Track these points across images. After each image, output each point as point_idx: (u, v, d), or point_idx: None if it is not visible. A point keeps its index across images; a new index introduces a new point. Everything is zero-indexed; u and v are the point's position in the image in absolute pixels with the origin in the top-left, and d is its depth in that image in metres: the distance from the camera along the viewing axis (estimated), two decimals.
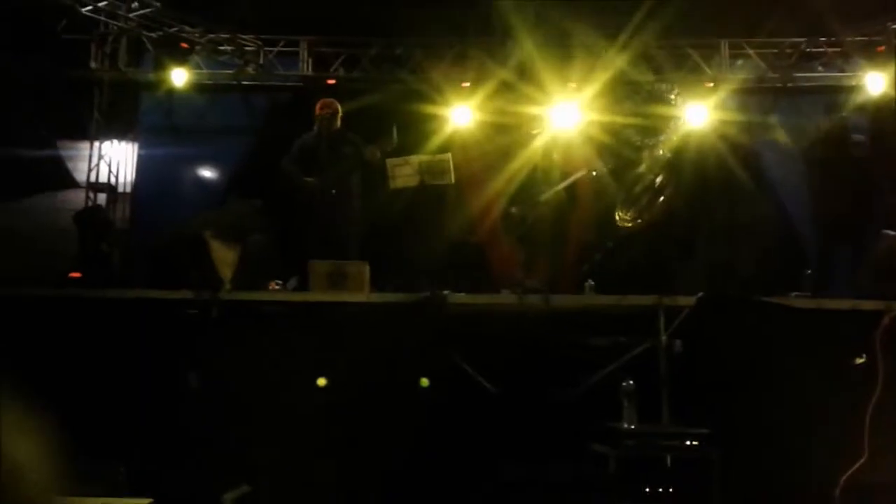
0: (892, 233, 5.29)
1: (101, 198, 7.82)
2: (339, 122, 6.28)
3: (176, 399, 4.36)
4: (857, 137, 6.37)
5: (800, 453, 4.43)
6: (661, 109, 6.01)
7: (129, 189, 8.00)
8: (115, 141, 7.93)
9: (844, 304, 4.84)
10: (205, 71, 7.79)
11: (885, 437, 4.30)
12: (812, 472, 4.37)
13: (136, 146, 8.05)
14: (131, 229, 7.67)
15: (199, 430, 4.31)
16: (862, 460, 4.28)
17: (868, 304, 4.71)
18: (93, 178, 7.81)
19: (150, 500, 3.65)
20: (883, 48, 7.52)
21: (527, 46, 7.56)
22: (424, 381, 4.50)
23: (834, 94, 7.73)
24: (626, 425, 4.18)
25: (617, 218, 6.36)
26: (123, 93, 7.90)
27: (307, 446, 4.42)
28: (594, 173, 6.25)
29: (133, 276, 4.94)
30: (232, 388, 4.44)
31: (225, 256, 4.93)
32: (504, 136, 7.54)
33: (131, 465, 3.70)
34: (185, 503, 4.00)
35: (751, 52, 7.79)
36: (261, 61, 7.89)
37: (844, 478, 4.27)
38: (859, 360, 4.46)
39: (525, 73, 7.75)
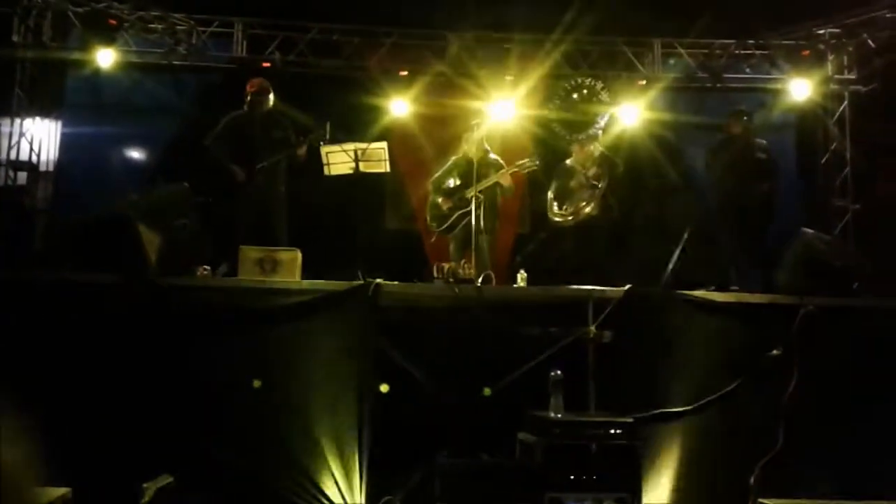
0: (809, 230, 5.50)
1: (22, 176, 7.50)
2: (270, 103, 6.20)
3: (98, 385, 4.23)
4: (761, 142, 6.59)
5: (717, 442, 4.59)
6: (591, 105, 6.11)
7: (51, 168, 7.70)
8: (38, 118, 7.62)
9: (763, 298, 5.02)
10: (134, 49, 7.54)
11: (799, 427, 4.48)
12: (730, 462, 4.52)
13: (59, 124, 7.76)
14: (53, 209, 7.39)
15: (121, 418, 4.19)
16: (776, 449, 4.46)
17: (785, 299, 4.89)
18: (13, 156, 7.48)
19: (67, 489, 3.54)
20: (808, 52, 7.80)
21: (464, 39, 7.59)
22: (384, 387, 4.50)
23: (760, 96, 8.00)
24: (552, 414, 4.25)
25: (550, 213, 6.45)
26: (48, 69, 7.60)
27: (234, 435, 4.36)
28: (527, 165, 6.32)
29: (54, 257, 4.74)
30: (156, 374, 4.34)
31: (151, 240, 4.79)
32: (442, 127, 7.55)
33: (51, 454, 3.56)
34: (105, 492, 3.89)
35: (682, 51, 7.97)
36: (193, 41, 7.67)
37: (760, 465, 4.44)
38: (775, 352, 4.63)
39: (462, 66, 7.78)
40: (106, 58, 7.27)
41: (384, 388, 4.50)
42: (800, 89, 7.70)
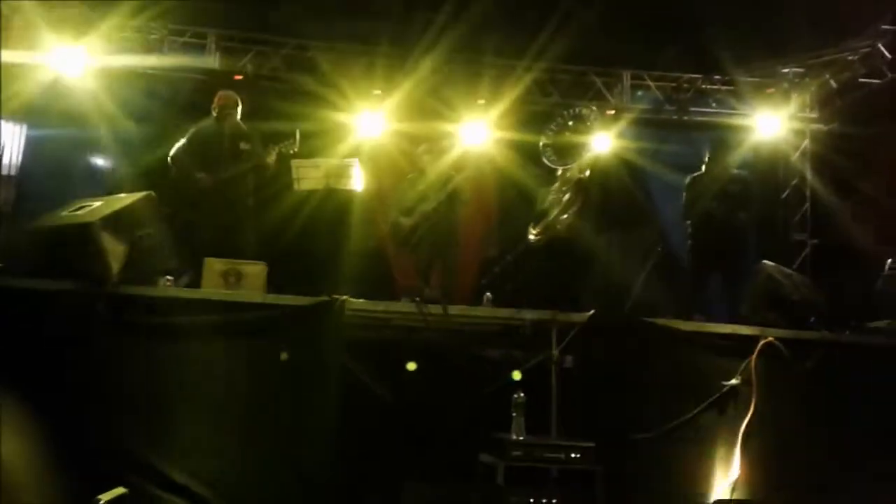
0: (770, 263, 5.62)
1: None
2: (237, 116, 6.18)
3: (54, 395, 4.13)
4: (740, 174, 6.73)
5: (679, 469, 4.63)
6: (580, 134, 6.19)
7: (14, 172, 7.55)
8: (2, 121, 7.48)
9: (725, 328, 5.10)
10: (105, 55, 7.45)
11: (756, 456, 4.55)
12: (690, 488, 4.57)
13: (24, 127, 7.62)
14: (15, 213, 7.24)
15: (77, 428, 4.10)
16: (734, 477, 4.51)
17: (746, 329, 4.98)
18: None
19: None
20: (772, 90, 8.01)
21: (435, 62, 7.64)
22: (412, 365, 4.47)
23: (724, 131, 8.17)
24: (513, 436, 4.26)
25: (528, 232, 6.48)
26: (15, 73, 7.46)
27: (190, 449, 4.29)
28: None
29: (14, 263, 4.63)
30: (115, 385, 4.26)
31: (114, 249, 4.70)
32: (413, 146, 7.57)
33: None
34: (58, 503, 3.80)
35: (651, 83, 8.12)
36: (165, 50, 7.62)
37: (717, 495, 4.49)
38: (734, 381, 4.70)
39: (434, 89, 7.83)
40: (72, 63, 7.18)
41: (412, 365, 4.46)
42: (768, 125, 7.89)
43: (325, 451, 4.34)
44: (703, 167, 6.69)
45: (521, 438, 4.26)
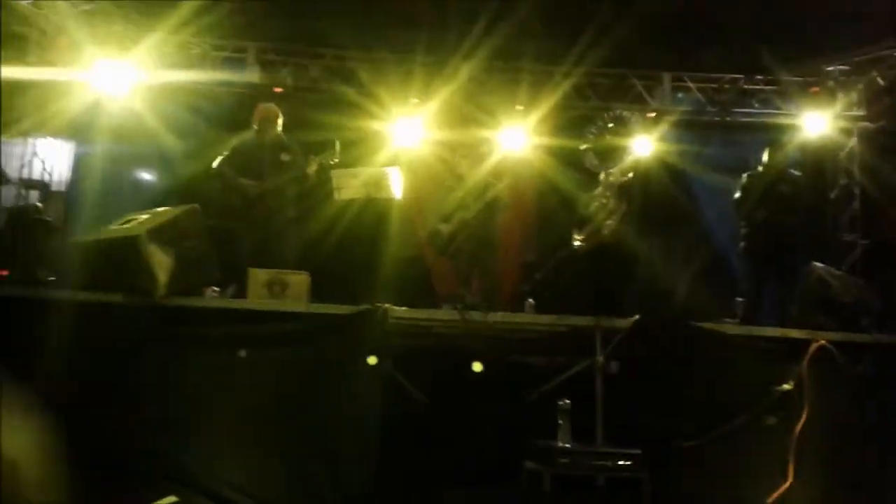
0: (819, 265, 5.49)
1: (34, 195, 7.53)
2: (279, 128, 6.24)
3: (105, 405, 4.20)
4: (792, 174, 6.60)
5: (727, 476, 4.54)
6: (621, 137, 6.14)
7: (63, 188, 7.74)
8: (51, 138, 7.67)
9: (774, 332, 5.00)
10: (148, 71, 7.60)
11: (809, 463, 4.44)
12: (738, 496, 4.47)
13: (72, 144, 7.81)
14: (66, 229, 7.41)
15: (128, 437, 4.16)
16: (787, 485, 4.41)
17: (796, 333, 4.87)
18: (25, 175, 7.52)
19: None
20: (817, 89, 7.85)
21: (473, 69, 7.65)
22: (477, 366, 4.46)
23: (768, 132, 8.03)
24: (559, 444, 4.22)
25: (572, 238, 6.43)
26: (62, 89, 7.65)
27: (240, 459, 4.32)
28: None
29: (67, 276, 4.75)
30: (164, 396, 4.31)
31: (161, 261, 4.78)
32: (450, 154, 7.57)
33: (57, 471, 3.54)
34: None
35: (692, 85, 8.02)
36: (207, 65, 7.75)
37: (770, 501, 4.39)
38: (786, 387, 4.60)
39: (471, 96, 7.84)
40: (117, 78, 7.34)
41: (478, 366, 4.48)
42: (815, 124, 7.74)
43: (367, 460, 4.34)
44: (760, 167, 6.55)
45: (568, 446, 4.21)
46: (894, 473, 4.54)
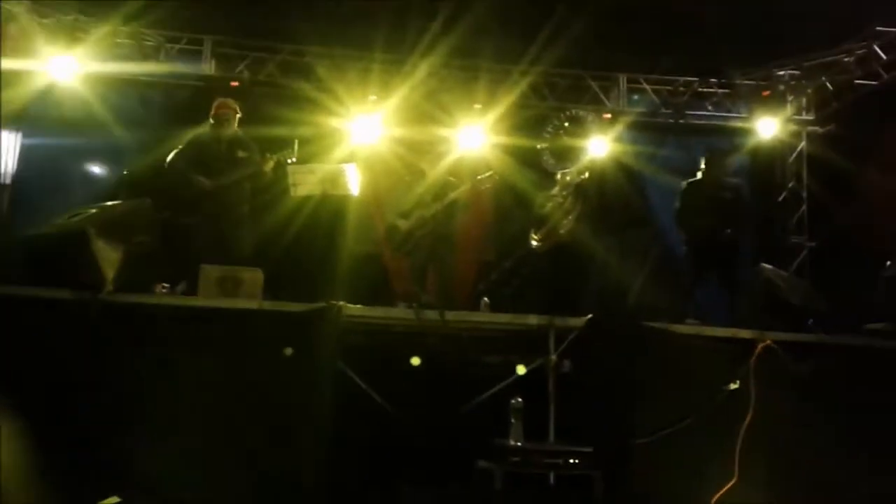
0: (768, 266, 5.60)
1: None
2: (235, 124, 6.16)
3: (48, 403, 4.10)
4: (732, 181, 6.69)
5: (674, 474, 4.60)
6: (577, 137, 6.19)
7: (8, 180, 7.55)
8: None
9: (724, 332, 5.07)
10: (100, 62, 7.45)
11: (754, 461, 4.53)
12: (689, 494, 4.54)
13: (20, 135, 7.62)
14: (11, 222, 7.23)
15: (69, 437, 4.07)
16: (732, 482, 4.49)
17: (744, 333, 4.96)
18: None
19: None
20: (768, 93, 8.01)
21: (431, 67, 7.65)
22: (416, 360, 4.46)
23: (720, 134, 8.18)
24: (511, 442, 4.24)
25: (530, 238, 6.46)
26: (9, 80, 7.46)
27: (183, 458, 4.25)
28: (486, 180, 6.32)
29: (8, 271, 4.62)
30: (110, 394, 4.22)
31: (108, 256, 4.67)
32: (409, 152, 7.56)
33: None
34: None
35: (647, 87, 8.13)
36: (161, 57, 7.62)
37: (715, 499, 4.46)
38: (733, 386, 4.68)
39: (430, 94, 7.84)
40: (67, 69, 7.18)
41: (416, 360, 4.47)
42: (766, 128, 7.90)
43: (321, 459, 4.31)
44: (700, 174, 6.65)
45: (520, 444, 4.23)
46: (837, 472, 4.65)
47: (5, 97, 7.25)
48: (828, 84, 7.81)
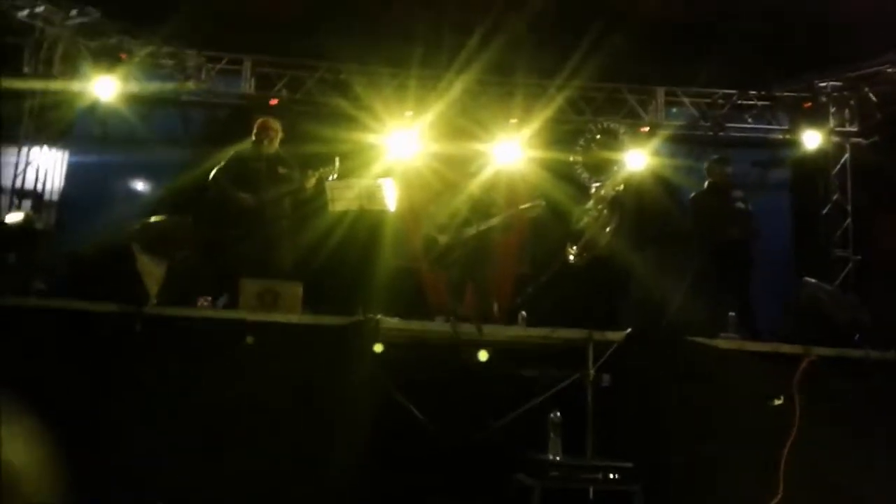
0: (812, 280, 5.50)
1: (26, 204, 7.54)
2: (277, 142, 6.25)
3: (94, 415, 4.18)
4: (737, 193, 6.61)
5: (718, 490, 4.52)
6: (610, 150, 6.17)
7: (56, 197, 7.75)
8: (45, 147, 7.69)
9: (766, 346, 4.99)
10: (143, 83, 7.64)
11: (799, 477, 4.43)
12: None
13: (66, 153, 7.82)
14: (56, 238, 7.41)
15: (116, 448, 4.14)
16: (777, 499, 4.39)
17: (788, 348, 4.87)
18: (19, 184, 7.53)
19: None
20: (810, 105, 7.91)
21: (467, 82, 7.69)
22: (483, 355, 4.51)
23: (760, 147, 8.08)
24: (550, 456, 4.20)
25: (567, 252, 6.43)
26: (57, 100, 7.68)
27: (228, 472, 4.29)
28: (531, 208, 6.33)
29: (56, 285, 4.74)
30: (154, 406, 4.29)
31: (152, 271, 4.78)
32: (446, 167, 7.60)
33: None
34: None
35: (685, 100, 8.07)
36: (202, 77, 7.78)
37: None
38: (777, 401, 4.59)
39: (466, 109, 7.88)
40: (109, 88, 7.37)
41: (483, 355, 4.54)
42: (811, 140, 7.79)
43: (357, 471, 4.32)
44: (706, 185, 6.58)
45: (559, 459, 4.20)
46: (883, 488, 4.53)
47: (53, 117, 7.49)
48: (871, 95, 7.67)
